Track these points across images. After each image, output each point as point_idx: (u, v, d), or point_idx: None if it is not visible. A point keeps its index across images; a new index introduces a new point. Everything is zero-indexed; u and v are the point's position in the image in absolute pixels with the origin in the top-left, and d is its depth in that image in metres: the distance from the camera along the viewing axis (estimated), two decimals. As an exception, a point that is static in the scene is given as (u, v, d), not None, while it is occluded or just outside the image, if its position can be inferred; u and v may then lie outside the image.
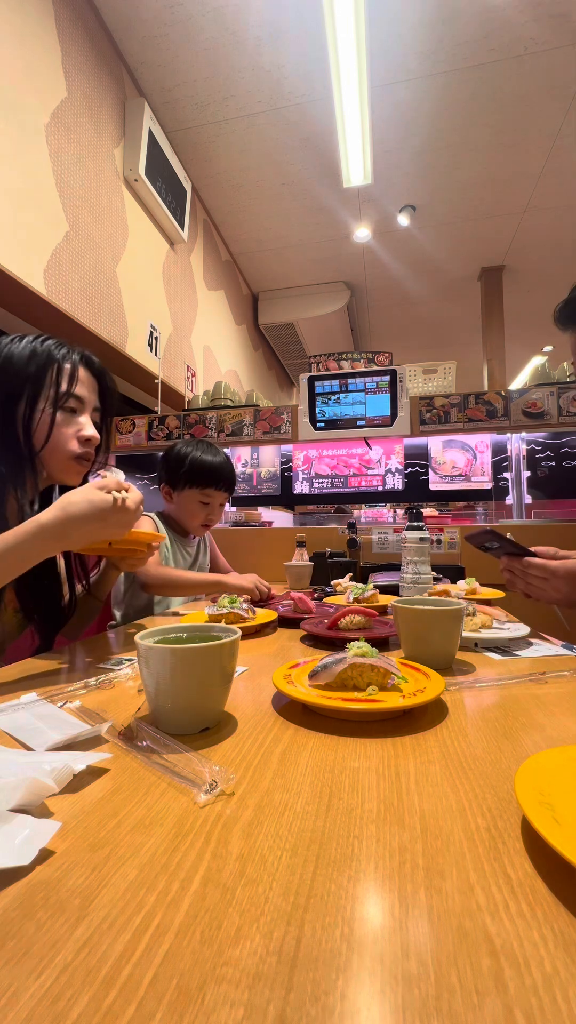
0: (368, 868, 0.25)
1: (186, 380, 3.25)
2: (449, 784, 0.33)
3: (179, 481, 1.28)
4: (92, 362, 0.80)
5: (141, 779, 0.34)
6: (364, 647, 0.49)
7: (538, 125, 2.89)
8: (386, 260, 4.20)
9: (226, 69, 2.55)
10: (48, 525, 0.60)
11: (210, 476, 1.27)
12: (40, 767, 0.31)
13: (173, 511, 1.34)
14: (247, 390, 2.76)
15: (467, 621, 0.77)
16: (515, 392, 1.85)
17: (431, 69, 2.56)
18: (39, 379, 0.73)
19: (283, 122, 2.87)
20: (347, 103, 2.53)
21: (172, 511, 1.34)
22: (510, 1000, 0.17)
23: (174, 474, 1.28)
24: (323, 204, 3.53)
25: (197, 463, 1.27)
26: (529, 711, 0.47)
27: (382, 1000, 0.17)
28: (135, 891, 0.23)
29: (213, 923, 0.21)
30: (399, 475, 2.01)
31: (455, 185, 3.36)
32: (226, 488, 1.31)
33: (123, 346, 2.51)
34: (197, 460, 1.27)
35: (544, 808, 0.26)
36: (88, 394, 0.78)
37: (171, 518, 1.35)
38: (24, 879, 0.24)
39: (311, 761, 0.36)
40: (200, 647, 0.40)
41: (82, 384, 0.77)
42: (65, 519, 0.61)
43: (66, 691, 0.52)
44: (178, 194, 2.98)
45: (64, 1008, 0.17)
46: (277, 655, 0.70)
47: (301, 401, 1.98)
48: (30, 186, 1.89)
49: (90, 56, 2.26)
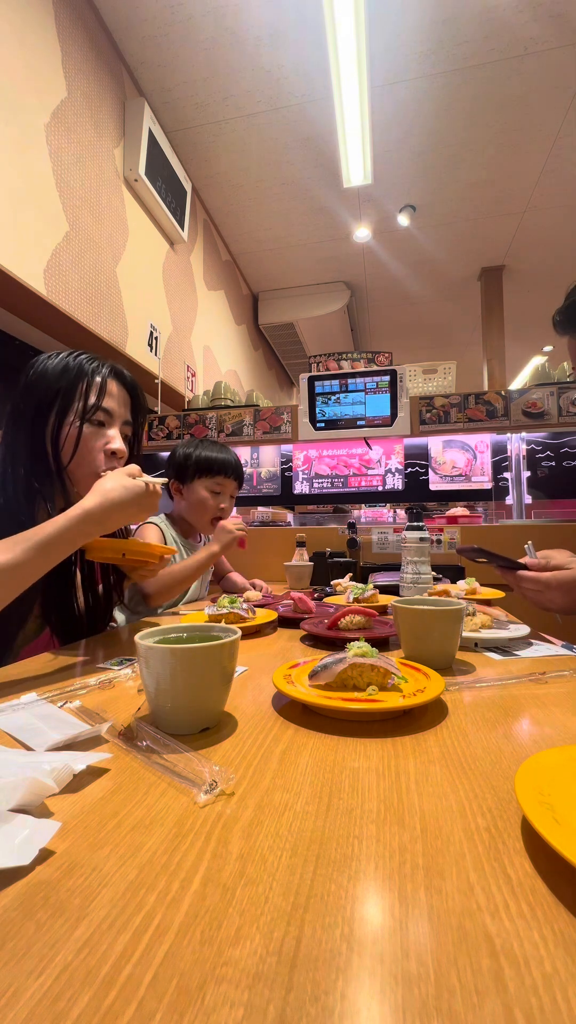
0: (368, 868, 0.25)
1: (186, 380, 3.25)
2: (449, 784, 0.33)
3: (188, 473, 1.28)
4: (123, 375, 0.80)
5: (141, 779, 0.34)
6: (364, 647, 0.49)
7: (538, 125, 2.88)
8: (386, 260, 4.20)
9: (226, 69, 2.55)
10: (92, 510, 0.63)
11: (220, 464, 1.28)
12: (40, 767, 0.31)
13: (183, 509, 1.33)
14: (247, 390, 2.76)
15: (467, 621, 0.77)
16: (515, 392, 1.85)
17: (431, 69, 2.56)
18: (69, 393, 0.74)
19: (283, 122, 2.87)
20: (347, 103, 2.53)
21: (182, 509, 1.33)
22: (510, 1000, 0.17)
23: (183, 468, 1.28)
24: (323, 204, 3.53)
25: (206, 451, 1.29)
26: (529, 711, 0.47)
27: (382, 1000, 0.17)
28: (135, 891, 0.23)
29: (213, 923, 0.21)
30: (399, 475, 2.01)
31: (455, 185, 3.36)
32: (236, 478, 1.32)
33: (123, 346, 2.51)
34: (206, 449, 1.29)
35: (544, 808, 0.26)
36: (118, 407, 0.78)
37: (179, 518, 1.34)
38: (24, 879, 0.24)
39: (311, 761, 0.36)
40: (200, 647, 0.40)
41: (111, 397, 0.77)
42: (107, 504, 0.64)
43: (66, 691, 0.52)
44: (178, 194, 2.98)
45: (64, 1008, 0.17)
46: (277, 655, 0.70)
47: (301, 401, 1.98)
48: (30, 186, 1.89)
49: (90, 56, 2.26)
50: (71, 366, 0.75)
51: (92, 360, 0.77)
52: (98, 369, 0.77)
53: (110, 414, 0.77)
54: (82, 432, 0.74)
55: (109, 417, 0.77)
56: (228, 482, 1.30)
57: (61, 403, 0.73)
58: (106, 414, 0.77)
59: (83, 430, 0.74)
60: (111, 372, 0.78)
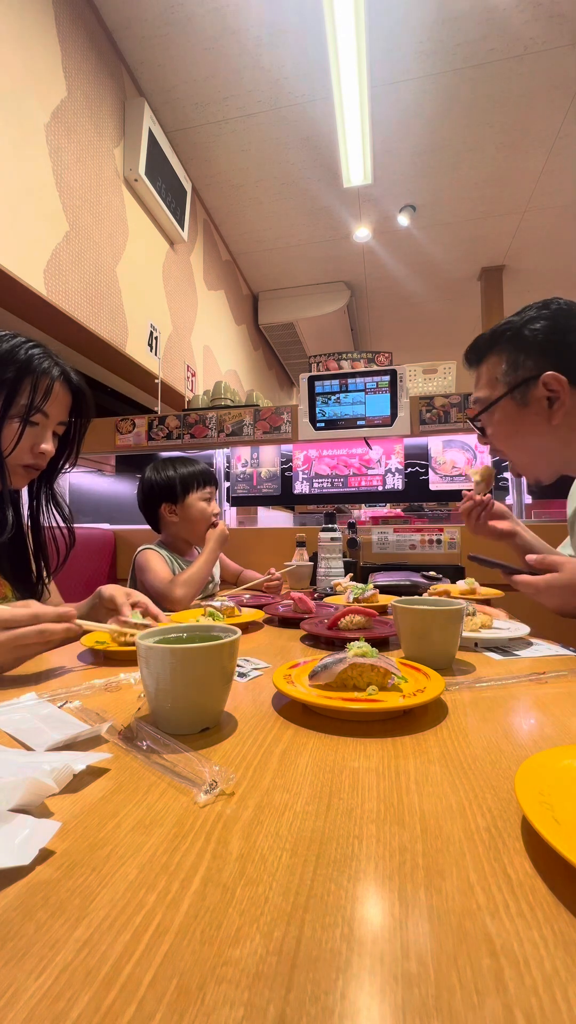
0: (368, 868, 0.25)
1: (186, 380, 3.25)
2: (449, 784, 0.33)
3: (178, 493, 1.32)
4: (71, 379, 0.81)
5: (141, 779, 0.34)
6: (364, 647, 0.49)
7: (538, 125, 2.88)
8: (386, 260, 4.20)
9: (226, 69, 2.55)
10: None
11: (203, 476, 1.36)
12: (40, 767, 0.31)
13: (179, 528, 1.36)
14: (247, 390, 2.76)
15: (467, 621, 0.77)
16: (515, 392, 1.84)
17: (431, 69, 2.56)
18: (15, 386, 0.73)
19: (283, 122, 2.87)
20: (347, 103, 2.53)
21: (176, 530, 1.37)
22: (510, 1000, 0.17)
23: (171, 490, 1.32)
24: (323, 204, 3.53)
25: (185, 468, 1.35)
26: (529, 711, 0.47)
27: (382, 1000, 0.17)
28: (135, 891, 0.23)
29: (213, 923, 0.21)
30: (399, 475, 2.00)
31: (455, 185, 3.36)
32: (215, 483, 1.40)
33: (123, 346, 2.51)
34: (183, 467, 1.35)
35: (544, 808, 0.26)
36: (57, 409, 0.79)
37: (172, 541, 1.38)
38: (24, 879, 0.24)
39: (311, 761, 0.36)
40: (200, 647, 0.40)
41: (55, 400, 0.78)
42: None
43: (67, 691, 0.52)
44: (178, 194, 2.98)
45: (64, 1008, 0.17)
46: (277, 655, 0.70)
47: (301, 401, 1.98)
48: (30, 186, 1.89)
49: (90, 56, 2.26)
50: (20, 358, 0.74)
51: (43, 357, 0.77)
52: (48, 370, 0.76)
53: (47, 416, 0.78)
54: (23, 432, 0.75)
55: (46, 419, 0.78)
56: (213, 489, 1.37)
57: (5, 394, 0.73)
58: (44, 416, 0.77)
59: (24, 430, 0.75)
60: (60, 375, 0.78)
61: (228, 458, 2.14)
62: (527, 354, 0.79)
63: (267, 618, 0.96)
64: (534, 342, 0.79)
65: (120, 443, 2.15)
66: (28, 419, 0.75)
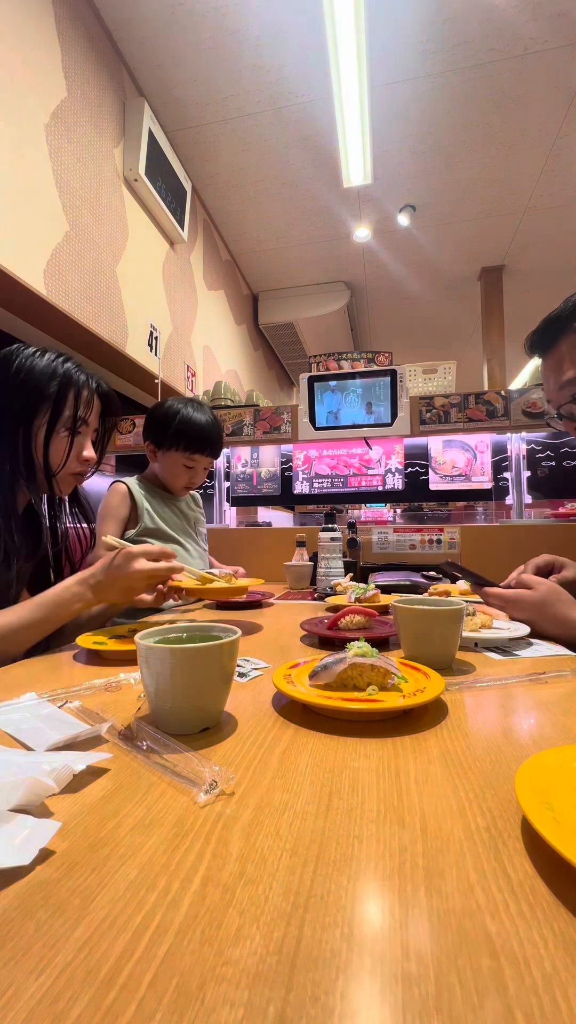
0: (368, 868, 0.25)
1: (186, 380, 3.25)
2: (449, 784, 0.33)
3: (165, 440, 1.23)
4: (102, 388, 0.87)
5: (141, 779, 0.34)
6: (364, 647, 0.49)
7: (538, 125, 2.88)
8: (386, 260, 4.19)
9: (226, 69, 2.55)
10: (90, 583, 0.74)
11: (197, 440, 1.23)
12: (40, 767, 0.31)
13: (158, 470, 1.29)
14: (247, 390, 2.76)
15: (467, 621, 0.77)
16: (515, 392, 1.84)
17: (431, 69, 2.56)
18: (60, 401, 0.79)
19: (283, 122, 2.87)
20: (347, 103, 2.53)
21: (157, 470, 1.29)
22: (510, 1000, 0.17)
23: (160, 432, 1.23)
24: (323, 204, 3.53)
25: (185, 423, 1.21)
26: (529, 711, 0.47)
27: (382, 1000, 0.17)
28: (135, 891, 0.23)
29: (213, 923, 0.21)
30: (399, 475, 2.00)
31: (455, 185, 3.36)
32: (211, 454, 1.27)
33: (123, 346, 2.51)
34: (185, 419, 1.21)
35: (544, 808, 0.26)
36: (94, 417, 0.86)
37: (155, 479, 1.30)
38: (24, 879, 0.24)
39: (311, 761, 0.36)
40: (200, 647, 0.40)
41: (94, 411, 0.85)
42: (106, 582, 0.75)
43: (66, 691, 0.52)
44: (178, 194, 2.98)
45: (64, 1008, 0.17)
46: (277, 655, 0.70)
47: (301, 401, 1.98)
48: (30, 186, 1.88)
49: (90, 56, 2.26)
50: (59, 372, 0.79)
51: (78, 369, 0.82)
52: (87, 382, 0.83)
53: (87, 424, 0.84)
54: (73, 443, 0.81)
55: (87, 427, 0.85)
56: (203, 458, 1.26)
57: (51, 409, 0.78)
58: (85, 425, 0.84)
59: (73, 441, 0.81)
60: (96, 387, 0.85)
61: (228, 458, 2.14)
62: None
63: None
64: None
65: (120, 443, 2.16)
66: (76, 429, 0.80)
